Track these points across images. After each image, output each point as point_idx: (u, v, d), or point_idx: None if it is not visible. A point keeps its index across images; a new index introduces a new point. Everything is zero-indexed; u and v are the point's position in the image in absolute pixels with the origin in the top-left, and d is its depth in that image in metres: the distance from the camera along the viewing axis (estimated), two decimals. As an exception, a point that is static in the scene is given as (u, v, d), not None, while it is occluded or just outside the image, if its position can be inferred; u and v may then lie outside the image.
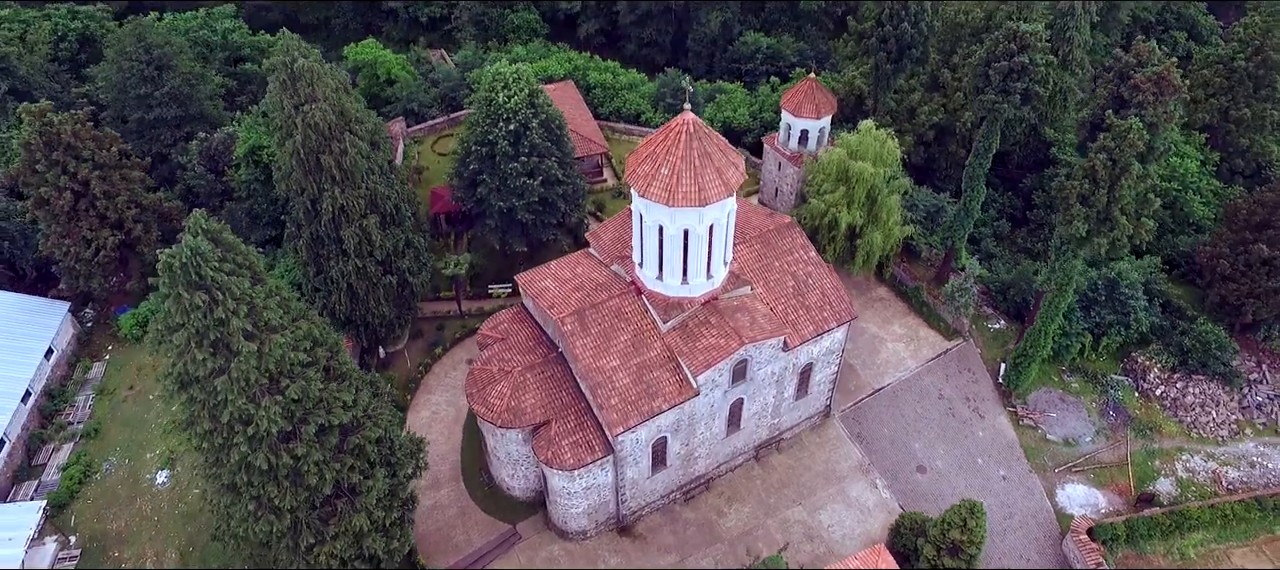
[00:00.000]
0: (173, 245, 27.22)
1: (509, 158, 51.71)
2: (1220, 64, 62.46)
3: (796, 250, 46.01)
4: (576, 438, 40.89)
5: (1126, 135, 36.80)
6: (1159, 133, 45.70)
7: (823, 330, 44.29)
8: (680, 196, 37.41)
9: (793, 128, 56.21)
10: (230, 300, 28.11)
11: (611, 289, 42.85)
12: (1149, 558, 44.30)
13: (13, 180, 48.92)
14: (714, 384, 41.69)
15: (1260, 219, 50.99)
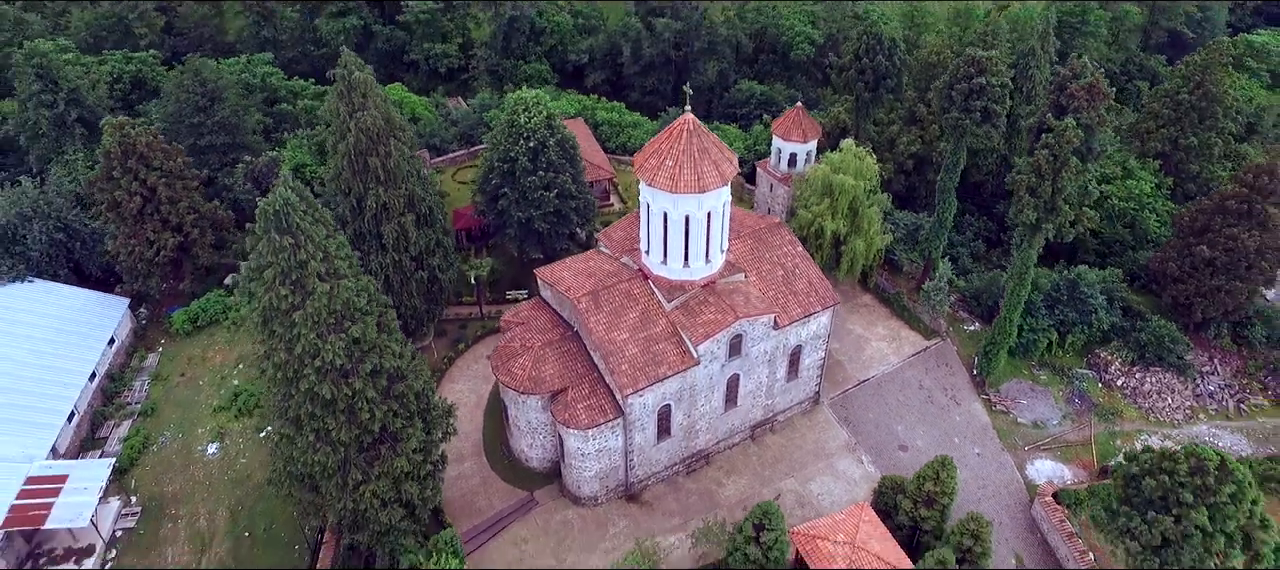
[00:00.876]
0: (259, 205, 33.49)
1: (528, 172, 58.44)
2: (1167, 97, 69.97)
3: (785, 245, 52.35)
4: (590, 402, 46.37)
5: (1064, 134, 43.52)
6: (1094, 134, 52.62)
7: (809, 313, 50.22)
8: (682, 185, 43.91)
9: (783, 151, 63.29)
10: (310, 245, 34.25)
11: (621, 275, 48.98)
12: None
13: (89, 189, 55.52)
14: (712, 356, 47.41)
15: (1202, 224, 57.44)
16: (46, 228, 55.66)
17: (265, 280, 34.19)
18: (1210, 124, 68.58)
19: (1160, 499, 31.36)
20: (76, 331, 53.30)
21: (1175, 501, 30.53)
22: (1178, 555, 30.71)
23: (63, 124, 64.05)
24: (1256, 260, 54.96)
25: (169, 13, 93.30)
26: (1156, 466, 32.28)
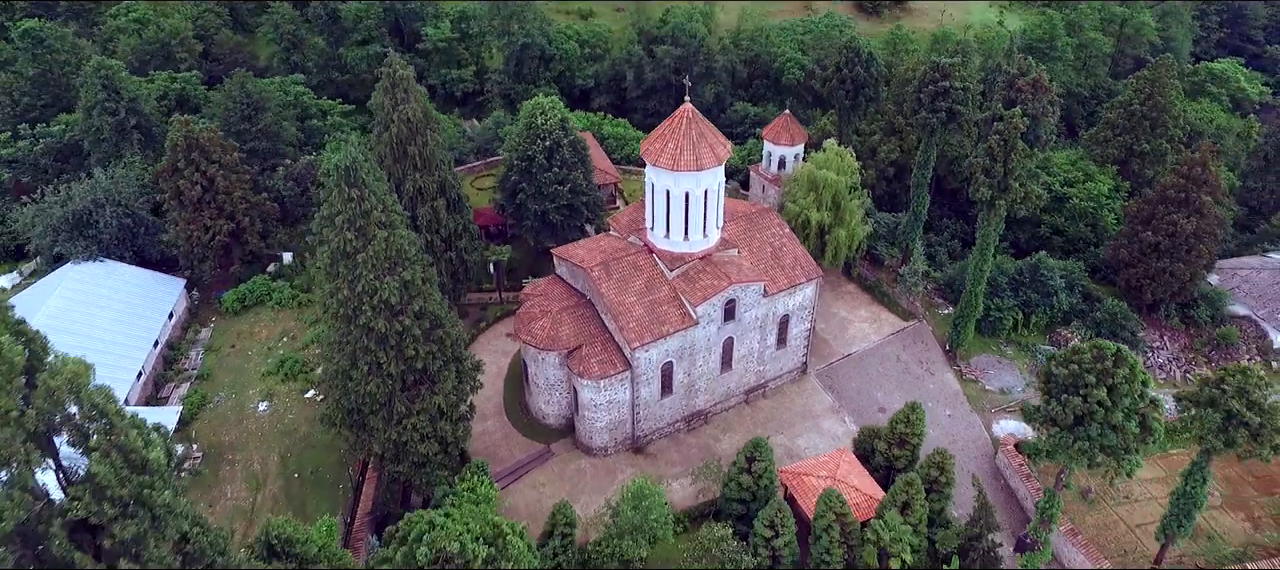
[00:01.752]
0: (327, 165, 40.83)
1: (544, 169, 66.02)
2: (1122, 108, 78.11)
3: (773, 227, 59.73)
4: (602, 357, 53.21)
5: (1012, 120, 51.16)
6: (1040, 122, 60.41)
7: (795, 284, 57.37)
8: (682, 164, 51.41)
9: (773, 154, 71.06)
10: (372, 197, 41.52)
11: (628, 250, 56.23)
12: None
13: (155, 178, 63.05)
14: (709, 318, 54.42)
15: (1147, 213, 64.90)
16: (116, 214, 62.99)
17: (336, 225, 41.38)
18: (1160, 132, 76.56)
19: (1071, 384, 38.08)
20: (141, 305, 60.30)
21: (1082, 384, 37.23)
22: (1088, 430, 37.33)
23: (123, 130, 71.75)
24: (1194, 243, 62.28)
25: (206, 40, 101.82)
26: (1067, 359, 39.10)
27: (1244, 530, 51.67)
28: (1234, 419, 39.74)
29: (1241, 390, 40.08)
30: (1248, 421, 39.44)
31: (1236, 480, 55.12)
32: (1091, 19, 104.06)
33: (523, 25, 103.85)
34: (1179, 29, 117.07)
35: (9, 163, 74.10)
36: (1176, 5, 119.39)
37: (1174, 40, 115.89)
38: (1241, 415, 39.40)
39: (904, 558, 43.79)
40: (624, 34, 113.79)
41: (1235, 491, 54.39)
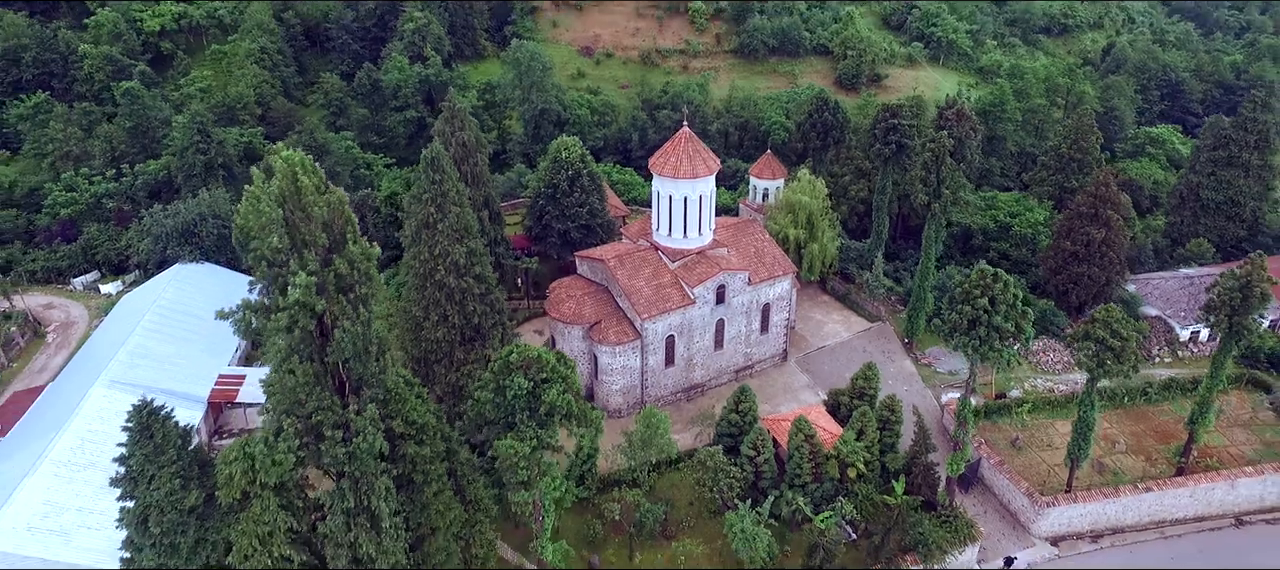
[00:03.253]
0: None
1: (566, 194, 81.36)
2: (1053, 152, 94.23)
3: (756, 233, 74.68)
4: (617, 328, 67.16)
5: (939, 140, 66.70)
6: (965, 144, 76.00)
7: (774, 276, 71.85)
8: (682, 173, 66.69)
9: (757, 187, 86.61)
10: (449, 181, 56.44)
11: (638, 249, 70.98)
12: (999, 426, 68.77)
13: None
14: (704, 300, 68.64)
15: (1068, 228, 79.84)
16: (215, 225, 77.79)
17: (422, 202, 56.14)
18: (1086, 171, 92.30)
19: (964, 297, 51.86)
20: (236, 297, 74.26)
21: (971, 297, 50.94)
22: (976, 332, 50.94)
23: (211, 167, 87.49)
24: (1104, 250, 76.99)
25: (263, 105, 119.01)
26: (962, 281, 53.17)
27: (1142, 467, 64.57)
28: (1103, 346, 53.64)
29: (1107, 324, 54.12)
30: (1113, 347, 53.34)
31: (1140, 434, 68.29)
32: (1037, 88, 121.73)
33: (541, 94, 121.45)
34: (1121, 100, 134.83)
35: (113, 196, 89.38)
36: (1118, 80, 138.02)
37: (1117, 109, 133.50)
38: (1108, 341, 53.33)
39: (859, 466, 56.92)
40: (630, 104, 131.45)
41: (1138, 442, 67.44)
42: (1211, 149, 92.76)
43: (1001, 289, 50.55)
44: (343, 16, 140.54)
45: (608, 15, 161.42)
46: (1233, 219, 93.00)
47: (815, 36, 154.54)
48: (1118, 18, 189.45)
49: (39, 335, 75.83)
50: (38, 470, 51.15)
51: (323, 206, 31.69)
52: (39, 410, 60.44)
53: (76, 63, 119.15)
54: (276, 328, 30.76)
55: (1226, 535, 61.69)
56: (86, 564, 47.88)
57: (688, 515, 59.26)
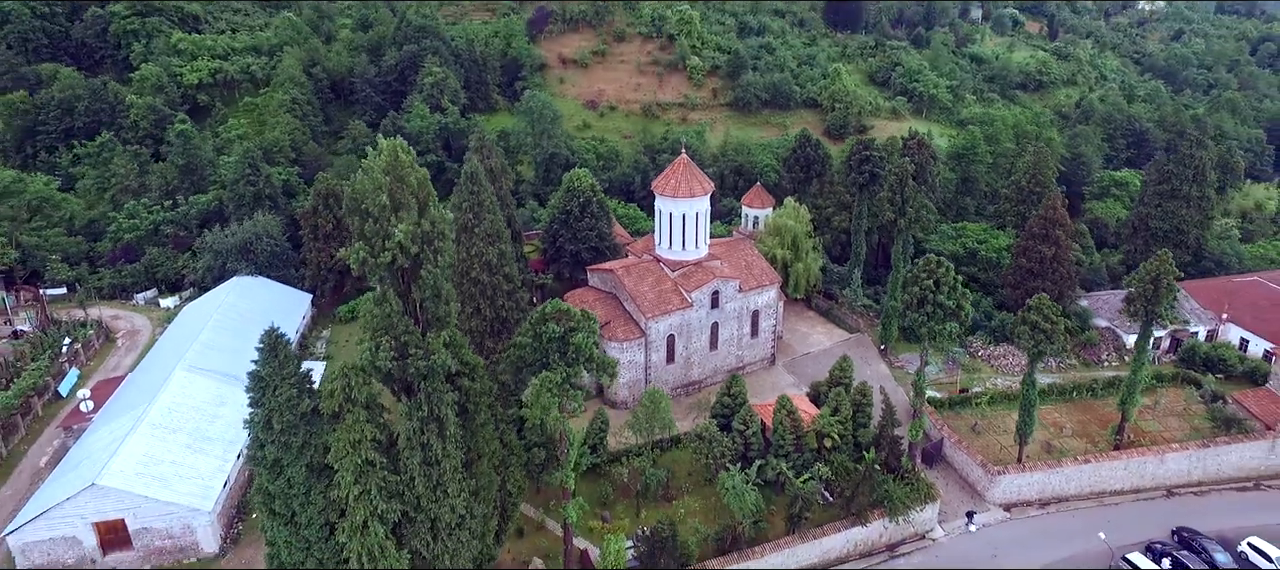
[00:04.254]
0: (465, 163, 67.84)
1: (577, 219, 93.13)
2: (1015, 185, 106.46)
3: (746, 248, 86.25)
4: (624, 328, 78.12)
5: (902, 164, 78.74)
6: (926, 168, 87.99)
7: (762, 285, 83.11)
8: (681, 192, 78.52)
9: (748, 215, 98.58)
10: (484, 193, 68.12)
11: (643, 262, 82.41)
12: (961, 416, 79.18)
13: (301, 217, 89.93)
14: (701, 304, 79.76)
15: (1023, 248, 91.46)
16: (269, 244, 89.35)
17: (461, 208, 67.70)
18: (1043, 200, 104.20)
19: (913, 281, 62.95)
20: (285, 305, 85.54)
21: (920, 279, 62.03)
22: (924, 308, 61.83)
23: (259, 197, 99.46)
24: (1054, 265, 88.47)
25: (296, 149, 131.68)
26: (913, 269, 64.36)
27: (1085, 448, 74.90)
28: (1037, 329, 64.70)
29: (1041, 311, 65.24)
30: (1045, 329, 64.39)
31: (1085, 422, 78.74)
32: (1006, 133, 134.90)
33: (551, 140, 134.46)
34: (1088, 147, 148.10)
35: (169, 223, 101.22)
36: (1085, 129, 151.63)
37: (1084, 156, 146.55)
38: (1041, 325, 64.40)
39: (834, 437, 67.28)
40: (632, 150, 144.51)
41: (1083, 428, 77.87)
42: (1157, 184, 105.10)
43: (944, 273, 61.80)
44: (366, 71, 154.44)
45: (611, 71, 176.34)
46: (1179, 246, 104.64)
47: (805, 90, 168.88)
48: (1090, 75, 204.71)
49: (110, 340, 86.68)
50: (137, 430, 61.56)
51: (414, 178, 43.09)
52: (127, 390, 71.07)
53: (123, 111, 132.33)
54: (380, 265, 41.85)
55: (1157, 504, 71.61)
56: (181, 502, 58.10)
57: (686, 482, 69.39)
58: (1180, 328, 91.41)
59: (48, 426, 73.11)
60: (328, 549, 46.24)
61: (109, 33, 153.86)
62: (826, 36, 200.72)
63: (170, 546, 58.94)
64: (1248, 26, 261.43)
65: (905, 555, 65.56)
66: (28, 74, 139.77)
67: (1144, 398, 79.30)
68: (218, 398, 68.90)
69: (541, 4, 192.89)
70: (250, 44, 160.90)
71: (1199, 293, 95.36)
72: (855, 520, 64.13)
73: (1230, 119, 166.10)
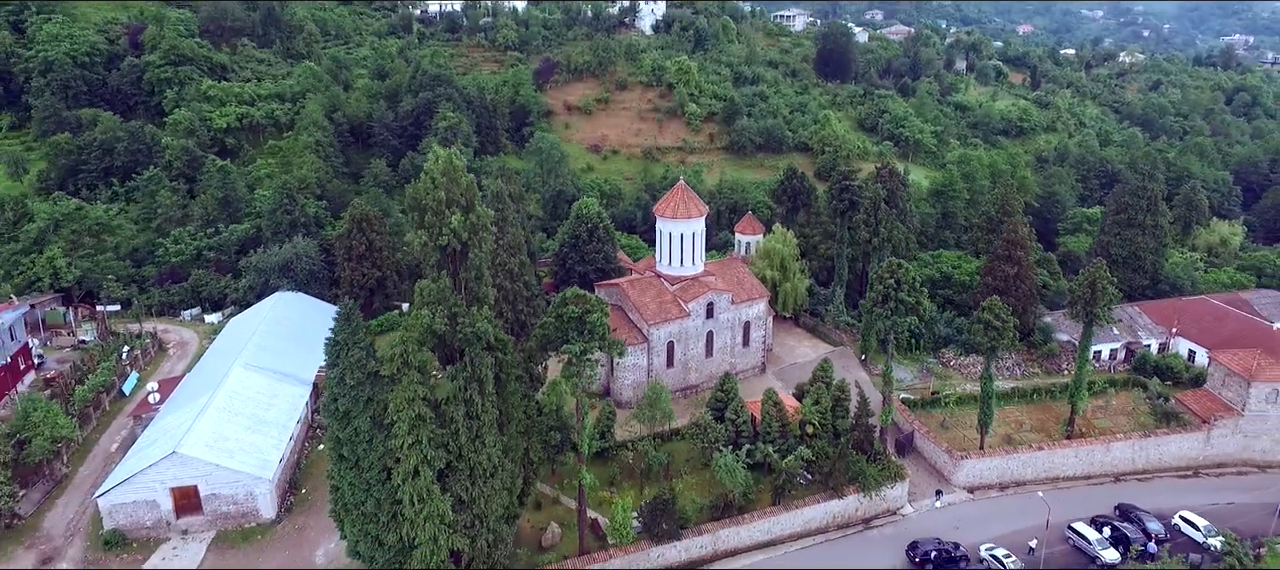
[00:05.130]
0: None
1: (586, 242, 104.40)
2: (985, 215, 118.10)
3: (738, 266, 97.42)
4: (630, 334, 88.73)
5: (874, 189, 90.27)
6: (896, 194, 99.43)
7: (753, 299, 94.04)
8: (679, 214, 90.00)
9: (741, 241, 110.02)
10: (508, 209, 79.39)
11: (645, 278, 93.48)
12: (933, 414, 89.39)
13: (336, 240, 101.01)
14: (697, 313, 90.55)
15: (990, 269, 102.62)
16: (308, 263, 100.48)
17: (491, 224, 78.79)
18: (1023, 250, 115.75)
19: (877, 281, 73.90)
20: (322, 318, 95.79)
21: (883, 280, 72.97)
22: (887, 305, 72.50)
23: (294, 224, 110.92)
24: (1016, 283, 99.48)
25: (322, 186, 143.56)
26: (877, 271, 75.21)
27: (1041, 439, 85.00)
28: (990, 326, 75.46)
29: (993, 311, 76.07)
30: (996, 327, 75.15)
31: (1043, 420, 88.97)
32: (982, 172, 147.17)
33: (558, 178, 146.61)
34: (1062, 186, 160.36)
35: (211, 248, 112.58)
36: (1058, 170, 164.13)
37: (1058, 195, 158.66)
38: (993, 323, 75.20)
39: (815, 423, 77.47)
40: (634, 189, 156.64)
41: (1041, 425, 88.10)
42: (1115, 214, 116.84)
43: (904, 274, 72.79)
44: (384, 116, 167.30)
45: (613, 118, 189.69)
46: (1137, 271, 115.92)
47: (796, 135, 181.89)
48: (1069, 122, 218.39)
49: (162, 349, 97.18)
50: (206, 413, 71.80)
51: (463, 181, 54.24)
52: (187, 386, 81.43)
53: (160, 152, 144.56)
54: (437, 248, 52.76)
55: (1106, 488, 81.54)
56: (247, 470, 68.22)
57: (685, 466, 79.38)
58: (1134, 340, 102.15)
59: (115, 419, 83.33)
60: (384, 491, 56.23)
61: (143, 80, 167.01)
62: (817, 86, 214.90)
63: (234, 511, 68.80)
64: (1222, 78, 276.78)
65: (878, 527, 75.35)
66: (69, 118, 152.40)
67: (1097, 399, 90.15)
68: (270, 390, 79.25)
69: (547, 55, 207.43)
70: (274, 91, 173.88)
71: (1152, 311, 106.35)
72: (832, 494, 74.08)
73: (1197, 161, 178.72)
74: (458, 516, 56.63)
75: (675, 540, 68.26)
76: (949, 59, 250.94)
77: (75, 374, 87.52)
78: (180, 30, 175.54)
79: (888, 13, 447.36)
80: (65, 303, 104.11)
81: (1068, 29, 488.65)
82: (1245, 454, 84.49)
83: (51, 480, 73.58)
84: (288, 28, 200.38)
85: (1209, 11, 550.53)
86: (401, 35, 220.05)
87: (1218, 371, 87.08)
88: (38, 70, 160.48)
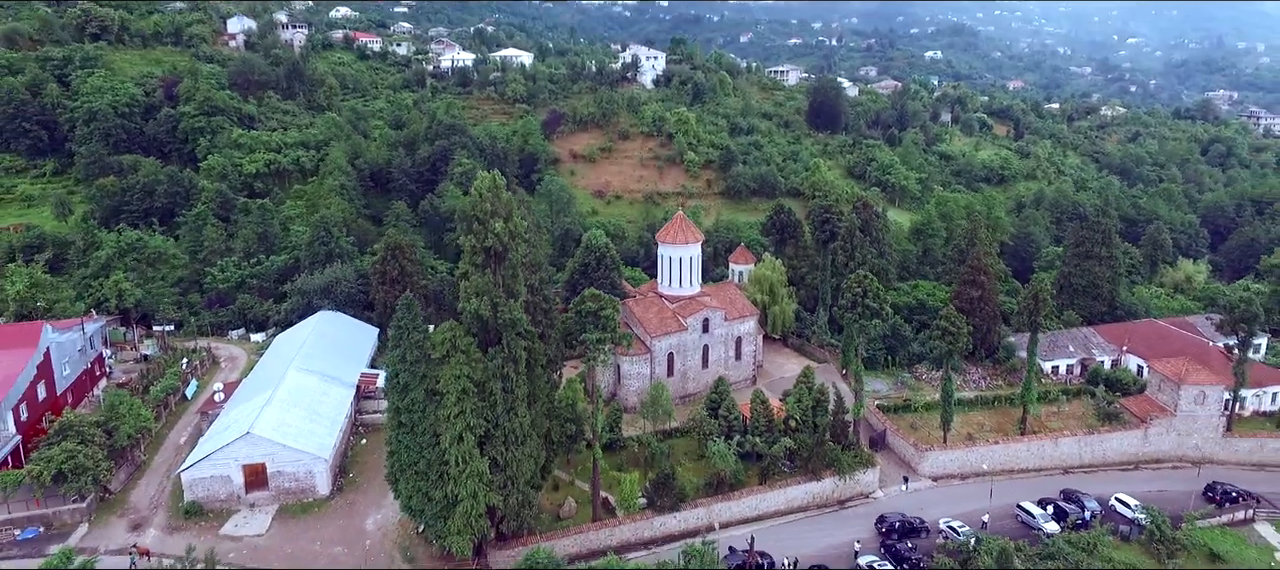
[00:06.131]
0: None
1: (594, 269, 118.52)
2: (957, 248, 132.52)
3: (731, 289, 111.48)
4: (634, 345, 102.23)
5: (849, 220, 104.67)
6: (871, 224, 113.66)
7: (744, 316, 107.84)
8: (678, 241, 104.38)
9: (734, 271, 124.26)
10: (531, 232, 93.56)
11: (648, 297, 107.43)
12: (904, 417, 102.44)
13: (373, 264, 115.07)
14: (694, 328, 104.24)
15: (958, 293, 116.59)
16: (347, 286, 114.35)
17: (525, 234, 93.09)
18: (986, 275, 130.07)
19: (848, 289, 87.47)
20: (360, 334, 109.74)
21: (851, 288, 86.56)
22: (856, 309, 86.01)
23: (330, 255, 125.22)
24: (980, 305, 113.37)
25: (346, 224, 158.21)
26: (848, 280, 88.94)
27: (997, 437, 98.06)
28: (946, 333, 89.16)
29: (950, 319, 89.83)
30: (951, 332, 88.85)
31: (1003, 423, 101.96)
32: (959, 213, 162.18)
33: (565, 218, 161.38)
34: (1037, 227, 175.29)
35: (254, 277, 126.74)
36: (1032, 212, 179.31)
37: (1033, 235, 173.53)
38: (948, 329, 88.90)
39: (797, 418, 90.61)
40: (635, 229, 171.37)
41: (1000, 427, 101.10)
42: (1074, 246, 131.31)
43: (870, 283, 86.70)
44: (402, 163, 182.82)
45: (616, 165, 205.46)
46: (1095, 298, 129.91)
47: (789, 181, 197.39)
48: (1049, 170, 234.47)
49: (216, 363, 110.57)
50: (272, 403, 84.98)
51: (503, 196, 68.44)
52: (247, 386, 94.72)
53: (197, 194, 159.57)
54: (482, 248, 66.72)
55: (1055, 478, 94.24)
56: (308, 450, 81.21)
57: (683, 457, 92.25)
58: (1088, 356, 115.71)
59: (181, 417, 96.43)
60: (433, 454, 69.29)
61: (179, 129, 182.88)
62: (809, 136, 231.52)
63: (295, 487, 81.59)
64: (1198, 129, 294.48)
65: (852, 507, 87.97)
66: (112, 163, 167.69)
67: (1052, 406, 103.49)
68: (321, 389, 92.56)
69: (554, 107, 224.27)
70: (299, 139, 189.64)
71: (1105, 331, 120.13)
72: (811, 477, 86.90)
73: (1164, 206, 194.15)
74: (494, 477, 69.74)
75: (675, 512, 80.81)
76: (935, 111, 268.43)
77: (143, 381, 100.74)
78: (213, 83, 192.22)
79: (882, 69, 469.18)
80: (123, 323, 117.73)
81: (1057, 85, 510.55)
82: (1180, 450, 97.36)
83: (133, 464, 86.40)
84: (310, 81, 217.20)
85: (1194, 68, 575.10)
86: (415, 89, 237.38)
87: (1154, 378, 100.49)
88: (82, 119, 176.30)
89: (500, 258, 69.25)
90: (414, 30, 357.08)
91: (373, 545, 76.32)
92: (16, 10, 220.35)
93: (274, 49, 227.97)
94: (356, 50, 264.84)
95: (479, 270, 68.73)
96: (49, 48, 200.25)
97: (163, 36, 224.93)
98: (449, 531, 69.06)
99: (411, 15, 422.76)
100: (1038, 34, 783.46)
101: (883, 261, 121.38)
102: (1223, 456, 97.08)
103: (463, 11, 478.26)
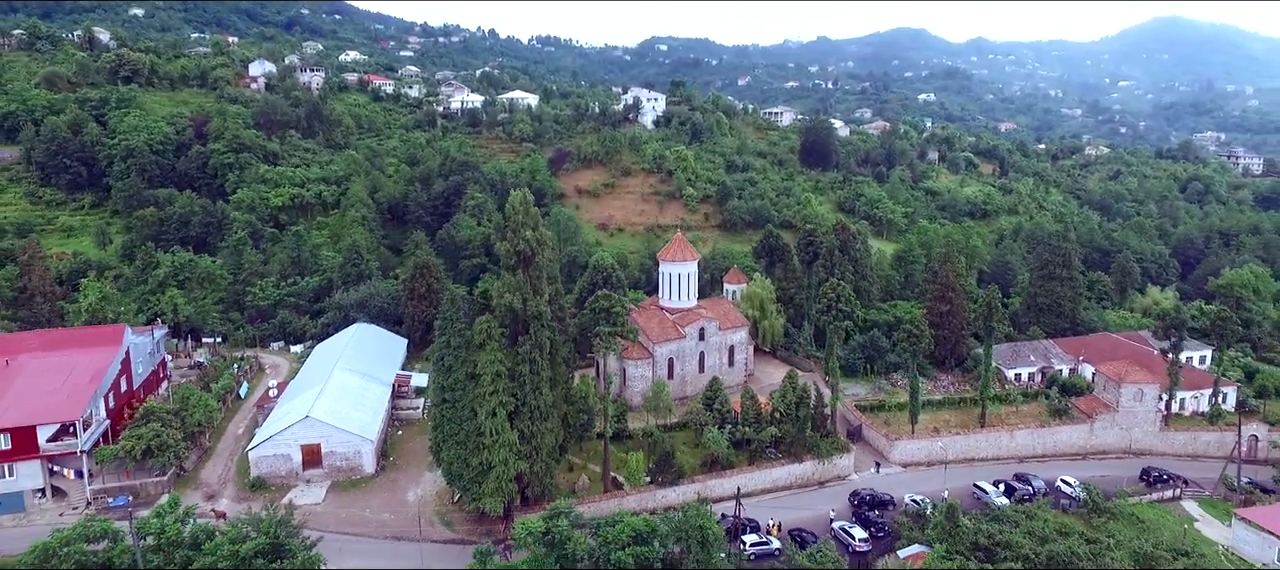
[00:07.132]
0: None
1: (601, 287, 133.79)
2: (933, 274, 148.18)
3: (725, 303, 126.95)
4: (638, 351, 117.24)
5: (829, 242, 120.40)
6: (849, 246, 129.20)
7: (737, 327, 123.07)
8: (677, 258, 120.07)
9: (728, 290, 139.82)
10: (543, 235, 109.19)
11: (650, 309, 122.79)
12: (878, 415, 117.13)
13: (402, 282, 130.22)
14: (691, 336, 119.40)
15: (930, 308, 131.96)
16: (381, 301, 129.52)
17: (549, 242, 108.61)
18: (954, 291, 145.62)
19: (822, 296, 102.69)
20: (392, 344, 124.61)
21: (825, 295, 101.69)
22: (830, 313, 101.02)
23: (360, 275, 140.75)
24: (949, 319, 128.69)
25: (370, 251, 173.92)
26: (822, 288, 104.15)
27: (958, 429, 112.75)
28: (911, 335, 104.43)
29: (916, 324, 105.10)
30: (915, 335, 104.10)
31: (967, 421, 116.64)
32: (939, 242, 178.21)
33: (572, 246, 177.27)
34: (1014, 257, 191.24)
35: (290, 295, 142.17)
36: (1012, 244, 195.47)
37: (1010, 263, 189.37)
38: (913, 332, 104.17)
39: (781, 411, 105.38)
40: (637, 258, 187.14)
41: (964, 424, 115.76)
42: (1039, 269, 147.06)
43: (843, 290, 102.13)
44: (418, 197, 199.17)
45: (619, 200, 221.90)
46: (1058, 316, 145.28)
47: (782, 214, 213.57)
48: (1031, 205, 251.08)
49: (261, 369, 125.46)
50: (324, 394, 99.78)
51: (533, 211, 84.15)
52: (296, 385, 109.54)
53: (227, 224, 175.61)
54: (514, 251, 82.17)
55: (1012, 466, 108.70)
56: (357, 432, 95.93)
57: (683, 448, 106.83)
58: (1048, 366, 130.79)
59: (236, 414, 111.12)
60: (471, 426, 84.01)
61: (209, 165, 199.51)
62: (801, 173, 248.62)
63: (345, 466, 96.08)
64: (1178, 168, 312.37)
65: (830, 487, 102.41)
66: (149, 196, 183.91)
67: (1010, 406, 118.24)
68: (363, 386, 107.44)
69: (559, 146, 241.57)
70: (321, 175, 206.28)
71: (1064, 344, 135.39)
72: (794, 460, 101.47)
73: (1136, 237, 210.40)
74: (521, 447, 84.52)
75: (675, 486, 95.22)
76: (922, 150, 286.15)
77: (201, 383, 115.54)
78: (239, 122, 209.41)
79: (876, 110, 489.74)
80: (174, 335, 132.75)
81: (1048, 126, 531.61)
82: (1123, 443, 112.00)
83: (201, 448, 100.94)
84: (328, 121, 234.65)
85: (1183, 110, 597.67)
86: (427, 128, 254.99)
87: (1099, 378, 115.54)
88: (120, 156, 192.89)
89: (529, 260, 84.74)
90: (422, 74, 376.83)
91: (414, 513, 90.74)
92: (54, 55, 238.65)
93: (293, 91, 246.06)
94: (370, 92, 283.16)
95: (511, 271, 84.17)
96: (86, 89, 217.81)
97: (189, 79, 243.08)
98: (484, 493, 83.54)
99: (417, 59, 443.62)
100: (1031, 77, 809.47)
101: (863, 281, 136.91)
102: (1160, 448, 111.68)
103: (467, 55, 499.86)
